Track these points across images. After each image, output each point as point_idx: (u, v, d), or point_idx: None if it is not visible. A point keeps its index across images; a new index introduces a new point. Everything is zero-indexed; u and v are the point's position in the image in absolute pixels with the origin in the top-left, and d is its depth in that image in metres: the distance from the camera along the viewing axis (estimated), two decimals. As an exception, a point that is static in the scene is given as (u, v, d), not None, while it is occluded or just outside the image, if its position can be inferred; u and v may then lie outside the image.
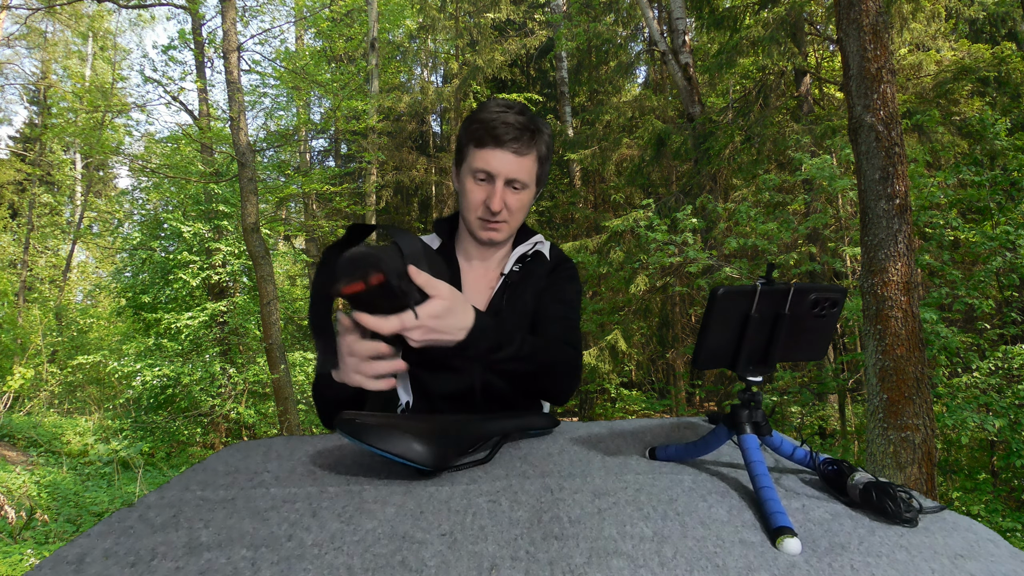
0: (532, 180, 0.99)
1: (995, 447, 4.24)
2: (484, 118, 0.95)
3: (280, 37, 12.32)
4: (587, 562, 0.45)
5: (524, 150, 0.95)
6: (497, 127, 0.94)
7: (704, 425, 0.80)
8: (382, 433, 0.60)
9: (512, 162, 0.95)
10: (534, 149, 0.97)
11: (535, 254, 1.10)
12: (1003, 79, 6.15)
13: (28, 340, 10.77)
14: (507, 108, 0.96)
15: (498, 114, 0.95)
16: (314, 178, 9.44)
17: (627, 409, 7.93)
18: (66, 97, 12.17)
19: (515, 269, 1.06)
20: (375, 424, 0.61)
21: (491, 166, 0.95)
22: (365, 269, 0.64)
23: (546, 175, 1.05)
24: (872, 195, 2.64)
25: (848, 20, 2.74)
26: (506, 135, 0.94)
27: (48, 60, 16.20)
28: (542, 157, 1.00)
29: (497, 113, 0.95)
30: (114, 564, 0.45)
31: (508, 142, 0.94)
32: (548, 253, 1.11)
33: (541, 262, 1.09)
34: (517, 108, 0.97)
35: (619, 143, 8.80)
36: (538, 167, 1.00)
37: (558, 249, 1.14)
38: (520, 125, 0.95)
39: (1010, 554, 0.50)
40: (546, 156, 1.01)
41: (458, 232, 1.10)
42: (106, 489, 5.60)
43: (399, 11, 10.53)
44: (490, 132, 0.94)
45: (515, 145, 0.94)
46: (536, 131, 0.97)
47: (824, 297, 0.59)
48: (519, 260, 1.07)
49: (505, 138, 0.94)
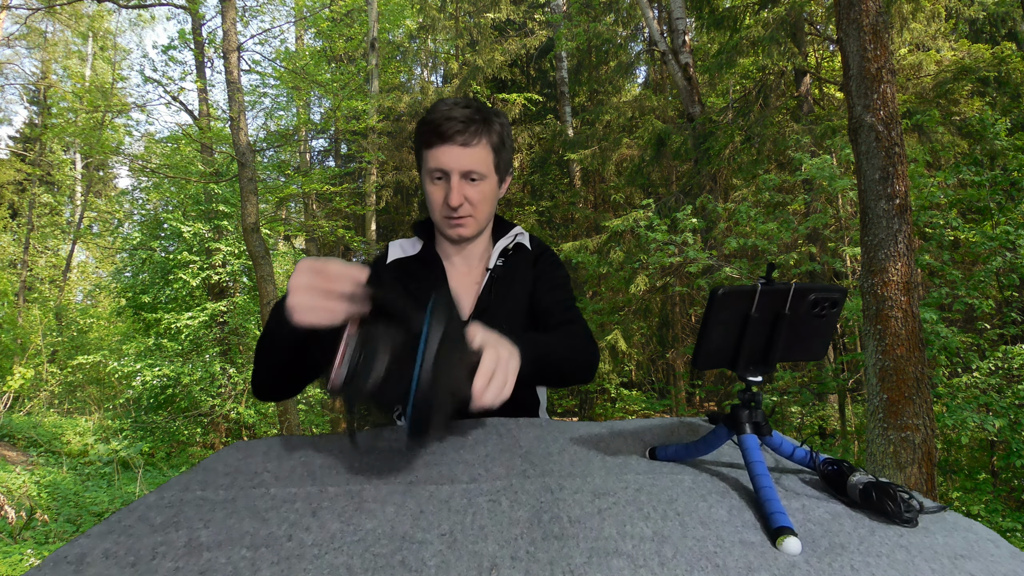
0: (489, 169, 0.98)
1: (995, 447, 4.24)
2: (429, 119, 0.96)
3: (280, 37, 12.33)
4: (587, 562, 0.45)
5: (472, 140, 0.95)
6: (441, 123, 0.94)
7: (704, 425, 0.80)
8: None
9: (462, 155, 0.95)
10: (484, 138, 0.97)
11: (516, 246, 1.10)
12: (1003, 79, 6.15)
13: (28, 340, 10.77)
14: (452, 105, 0.96)
15: (442, 112, 0.95)
16: (314, 178, 9.45)
17: (627, 409, 7.93)
18: (66, 97, 12.17)
19: (499, 264, 1.06)
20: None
21: (442, 163, 0.95)
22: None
23: (507, 164, 1.03)
24: (872, 195, 2.64)
25: (848, 20, 2.74)
26: (451, 129, 0.94)
27: (48, 60, 16.20)
28: (495, 146, 0.99)
29: (441, 111, 0.95)
30: (114, 564, 0.45)
31: (453, 135, 0.94)
32: (529, 243, 1.11)
33: (523, 254, 1.09)
34: (463, 103, 0.97)
35: (619, 143, 8.80)
36: (494, 156, 0.99)
37: (537, 239, 1.15)
38: (465, 118, 0.95)
39: (1010, 554, 0.50)
40: (500, 144, 1.00)
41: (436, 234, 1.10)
42: (106, 489, 5.60)
43: (399, 11, 10.53)
44: (435, 131, 0.94)
45: (461, 137, 0.94)
46: (484, 120, 0.97)
47: (824, 297, 0.59)
48: (502, 254, 1.07)
49: (450, 132, 0.94)
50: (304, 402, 8.71)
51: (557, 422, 0.81)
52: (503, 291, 1.04)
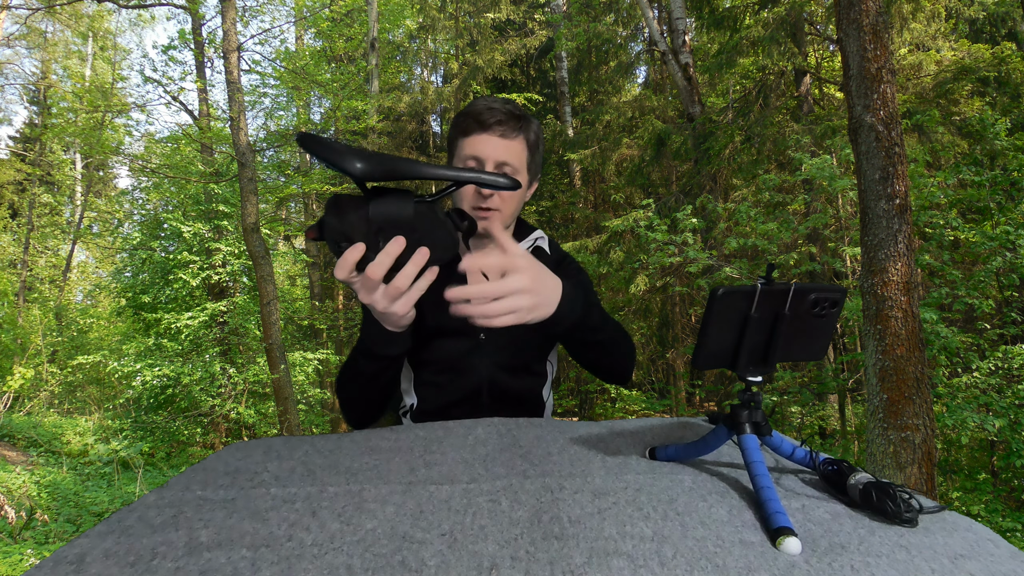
0: (522, 166, 0.98)
1: (995, 447, 4.24)
2: (469, 110, 0.96)
3: (280, 37, 12.33)
4: (587, 562, 0.45)
5: (511, 134, 0.95)
6: (482, 112, 0.94)
7: (704, 425, 0.80)
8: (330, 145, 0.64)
9: (500, 145, 0.94)
10: (522, 134, 0.97)
11: (536, 250, 1.08)
12: (1003, 79, 6.15)
13: (28, 340, 10.77)
14: (494, 100, 0.97)
15: (484, 104, 0.95)
16: (314, 178, 9.45)
17: (627, 409, 7.93)
18: (66, 97, 12.17)
19: None
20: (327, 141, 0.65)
21: (478, 151, 0.94)
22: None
23: (538, 166, 1.03)
24: (872, 195, 2.64)
25: (848, 20, 2.74)
26: (491, 119, 0.94)
27: (48, 60, 16.20)
28: (531, 145, 0.99)
29: (483, 103, 0.96)
30: (114, 564, 0.45)
31: (493, 125, 0.94)
32: (548, 248, 1.10)
33: (543, 258, 1.07)
34: (504, 100, 0.97)
35: (619, 143, 8.80)
36: (528, 154, 0.99)
37: (557, 244, 1.13)
38: (506, 111, 0.95)
39: (1010, 554, 0.50)
40: (535, 145, 1.00)
41: None
42: (106, 489, 5.60)
43: (399, 11, 10.53)
44: (475, 119, 0.94)
45: (501, 128, 0.94)
46: (523, 118, 0.97)
47: (824, 297, 0.59)
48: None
49: (490, 121, 0.94)
50: (304, 402, 8.71)
51: (557, 422, 0.81)
52: None
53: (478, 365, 0.99)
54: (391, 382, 0.89)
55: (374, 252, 0.67)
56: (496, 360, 0.99)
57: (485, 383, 0.99)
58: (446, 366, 1.00)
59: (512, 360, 1.00)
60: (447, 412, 0.99)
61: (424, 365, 1.01)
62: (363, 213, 0.67)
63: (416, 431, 0.76)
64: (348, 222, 0.67)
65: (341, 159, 0.63)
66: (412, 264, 0.67)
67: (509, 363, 1.00)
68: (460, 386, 0.99)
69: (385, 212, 0.67)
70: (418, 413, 1.02)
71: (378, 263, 0.66)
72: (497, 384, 0.99)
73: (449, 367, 1.00)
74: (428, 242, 0.68)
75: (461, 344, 0.99)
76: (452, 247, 0.69)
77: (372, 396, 0.89)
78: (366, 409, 0.92)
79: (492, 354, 0.99)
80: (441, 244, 0.69)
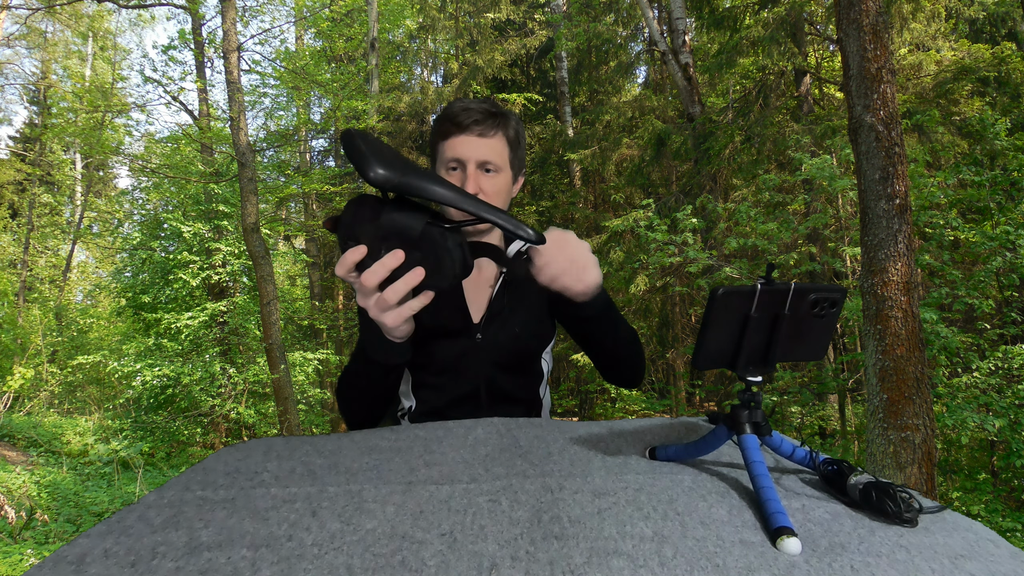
0: (505, 163, 0.98)
1: (995, 447, 4.24)
2: (447, 112, 0.97)
3: (280, 37, 12.33)
4: (587, 562, 0.45)
5: (489, 132, 0.96)
6: (459, 114, 0.95)
7: (704, 425, 0.80)
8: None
9: (479, 144, 0.95)
10: (500, 131, 0.97)
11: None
12: (1003, 79, 6.15)
13: (28, 340, 10.77)
14: (470, 101, 0.98)
15: (460, 106, 0.96)
16: (314, 178, 9.45)
17: (627, 409, 7.92)
18: (66, 97, 12.17)
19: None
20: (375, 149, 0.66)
21: (458, 152, 0.95)
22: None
23: (521, 162, 1.04)
24: (872, 195, 2.64)
25: (848, 20, 2.74)
26: (468, 119, 0.94)
27: (48, 60, 16.20)
28: (512, 141, 0.99)
29: (459, 105, 0.97)
30: (114, 564, 0.45)
31: (471, 125, 0.94)
32: None
33: None
34: (480, 100, 0.98)
35: (619, 143, 8.80)
36: (509, 151, 0.99)
37: None
38: (482, 110, 0.96)
39: (1010, 554, 0.50)
40: (516, 140, 1.00)
41: None
42: (106, 489, 5.60)
43: (399, 11, 10.52)
44: (453, 121, 0.95)
45: (479, 128, 0.95)
46: (500, 115, 0.98)
47: (824, 297, 0.59)
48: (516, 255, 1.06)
49: (467, 122, 0.94)
50: (304, 402, 8.71)
51: (557, 422, 0.81)
52: (518, 294, 1.03)
53: (476, 365, 0.99)
54: (391, 389, 0.89)
55: (373, 259, 0.67)
56: (493, 360, 1.00)
57: (483, 383, 0.99)
58: (444, 368, 1.00)
59: (509, 359, 1.01)
60: (446, 413, 0.99)
61: (422, 368, 1.01)
62: (376, 218, 0.67)
63: (416, 431, 0.76)
64: (360, 223, 0.67)
65: (363, 161, 0.63)
66: (403, 282, 0.68)
67: (506, 362, 1.01)
68: (459, 387, 0.99)
69: (395, 223, 0.67)
70: (416, 415, 1.02)
71: (373, 271, 0.67)
72: (495, 383, 0.99)
73: (447, 368, 1.00)
74: (428, 265, 0.68)
75: (458, 345, 0.99)
76: (450, 277, 0.68)
77: (371, 402, 0.90)
78: (365, 415, 0.92)
79: (489, 354, 1.00)
80: (440, 271, 0.68)
